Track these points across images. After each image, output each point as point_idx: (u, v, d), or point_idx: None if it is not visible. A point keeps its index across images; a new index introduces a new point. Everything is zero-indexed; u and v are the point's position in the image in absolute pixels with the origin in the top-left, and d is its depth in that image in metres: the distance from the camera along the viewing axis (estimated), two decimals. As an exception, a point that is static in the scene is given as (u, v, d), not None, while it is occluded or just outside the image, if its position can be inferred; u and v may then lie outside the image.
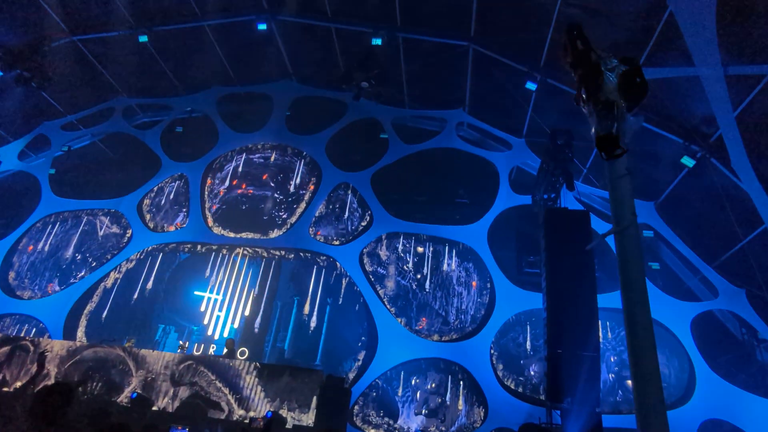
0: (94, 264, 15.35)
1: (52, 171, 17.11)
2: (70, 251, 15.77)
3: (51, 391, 2.44)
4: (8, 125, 17.07)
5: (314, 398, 9.43)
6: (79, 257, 15.72)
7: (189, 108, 17.85)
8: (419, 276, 14.05)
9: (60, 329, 13.77)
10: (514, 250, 13.89)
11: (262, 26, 14.56)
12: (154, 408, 9.45)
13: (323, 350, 14.53)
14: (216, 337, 13.86)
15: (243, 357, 12.99)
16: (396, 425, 12.06)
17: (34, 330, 14.27)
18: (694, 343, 11.83)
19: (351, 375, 12.70)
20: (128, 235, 15.54)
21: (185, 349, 12.40)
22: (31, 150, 17.65)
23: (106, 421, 3.58)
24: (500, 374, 12.31)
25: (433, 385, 12.49)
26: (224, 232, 15.05)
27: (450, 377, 12.53)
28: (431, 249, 14.46)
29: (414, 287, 13.89)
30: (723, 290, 12.18)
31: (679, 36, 9.67)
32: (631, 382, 2.00)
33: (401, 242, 14.59)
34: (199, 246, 14.94)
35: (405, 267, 14.24)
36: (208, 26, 15.19)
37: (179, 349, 12.24)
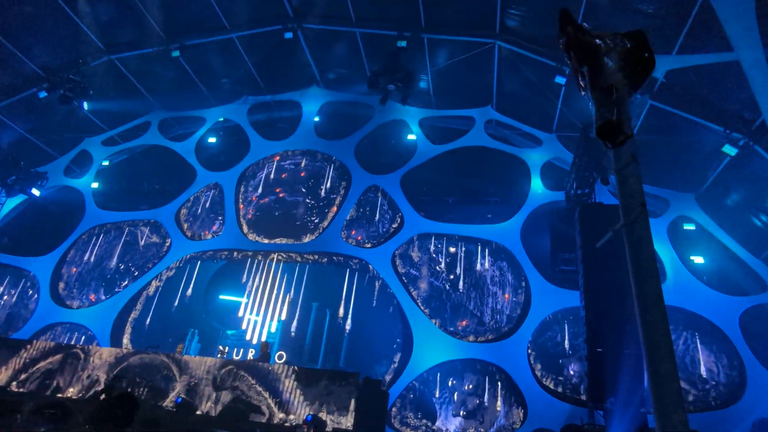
0: (137, 273, 15.94)
1: (96, 185, 17.91)
2: (114, 261, 16.44)
3: (119, 399, 2.57)
4: (54, 143, 18.01)
5: (352, 401, 9.50)
6: (122, 267, 16.36)
7: (221, 118, 18.35)
8: (452, 276, 13.98)
9: (107, 336, 14.39)
10: (549, 248, 13.63)
11: (289, 35, 14.82)
12: (198, 412, 9.74)
13: (358, 353, 14.65)
14: (255, 342, 14.16)
15: (281, 360, 13.25)
16: (434, 427, 12.02)
17: (84, 337, 14.93)
18: (744, 339, 11.34)
19: (387, 377, 12.75)
20: (167, 244, 16.09)
21: (224, 354, 12.74)
22: (75, 165, 18.52)
23: (156, 429, 3.71)
24: (538, 374, 12.12)
25: (471, 387, 12.39)
26: (259, 239, 15.37)
27: (487, 378, 12.40)
28: (463, 249, 14.36)
29: (447, 288, 13.82)
30: (773, 283, 11.64)
31: (715, 19, 9.31)
32: (647, 381, 1.95)
33: (433, 243, 14.55)
34: (235, 253, 15.31)
35: (437, 268, 14.19)
36: (237, 38, 15.58)
37: (219, 354, 12.58)
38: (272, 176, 16.80)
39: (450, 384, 12.53)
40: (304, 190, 16.32)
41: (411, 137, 16.47)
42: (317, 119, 17.47)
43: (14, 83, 15.46)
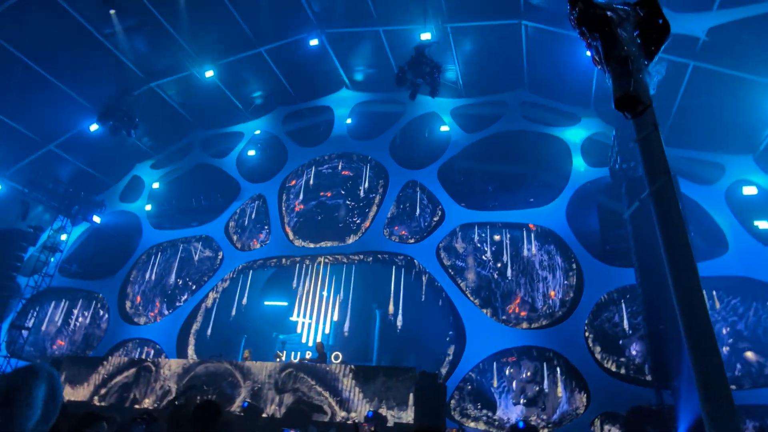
0: (194, 287, 16.74)
1: (149, 207, 18.93)
2: (173, 278, 17.33)
3: (205, 408, 2.81)
4: (108, 171, 19.18)
5: (410, 395, 9.63)
6: (181, 282, 17.22)
7: (257, 131, 18.93)
8: (499, 264, 13.81)
9: (173, 348, 15.20)
10: (597, 226, 13.22)
11: (314, 41, 15.08)
12: (264, 415, 10.16)
13: (412, 348, 14.76)
14: (310, 344, 14.56)
15: (337, 360, 13.56)
16: (495, 417, 11.95)
17: (152, 351, 15.84)
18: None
19: (443, 370, 12.78)
20: (220, 257, 16.80)
21: (281, 359, 13.18)
22: (129, 191, 19.63)
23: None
24: (599, 357, 11.80)
25: (529, 374, 12.22)
26: (305, 244, 15.78)
27: (545, 364, 12.19)
28: (508, 236, 14.15)
29: (495, 276, 13.68)
30: None
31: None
32: (689, 356, 1.89)
33: (476, 232, 14.43)
34: (284, 259, 15.79)
35: (483, 257, 14.06)
36: (265, 50, 16.01)
37: (276, 359, 13.02)
38: (311, 182, 17.18)
39: (507, 373, 12.42)
40: (344, 192, 16.59)
41: (444, 129, 16.39)
42: (349, 121, 17.71)
43: (68, 120, 16.60)
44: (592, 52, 2.58)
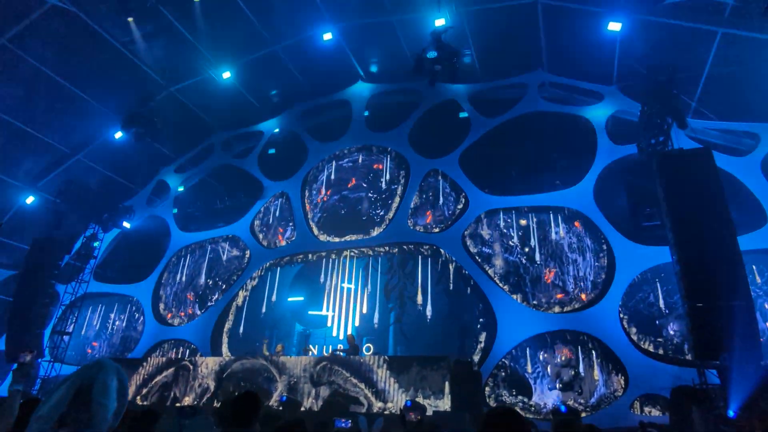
0: (224, 286, 17.01)
1: (175, 210, 19.27)
2: (203, 278, 17.64)
3: (244, 399, 2.82)
4: (134, 177, 19.59)
5: (446, 384, 9.62)
6: (211, 282, 17.52)
7: (276, 129, 19.04)
8: (527, 249, 13.64)
9: (208, 347, 15.51)
10: (626, 205, 12.89)
11: (327, 35, 15.03)
12: (302, 408, 10.29)
13: (443, 337, 14.71)
14: (341, 337, 14.65)
15: (369, 352, 13.63)
16: (531, 402, 11.87)
17: (188, 351, 16.19)
18: None
19: (476, 358, 12.73)
20: (247, 256, 17.02)
21: (313, 352, 13.29)
22: (155, 195, 20.01)
23: (277, 423, 3.98)
24: (635, 338, 11.57)
25: (563, 358, 12.08)
26: (330, 238, 15.85)
27: (579, 348, 12.03)
28: (535, 220, 13.95)
29: (524, 261, 13.52)
30: None
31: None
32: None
33: (501, 218, 14.26)
34: (310, 255, 15.89)
35: (510, 243, 13.90)
36: (280, 48, 16.04)
37: (307, 353, 13.14)
38: (333, 176, 17.22)
39: (541, 358, 12.30)
40: (365, 185, 16.58)
41: (463, 115, 16.20)
42: (367, 114, 17.64)
43: (93, 129, 16.99)
44: None
